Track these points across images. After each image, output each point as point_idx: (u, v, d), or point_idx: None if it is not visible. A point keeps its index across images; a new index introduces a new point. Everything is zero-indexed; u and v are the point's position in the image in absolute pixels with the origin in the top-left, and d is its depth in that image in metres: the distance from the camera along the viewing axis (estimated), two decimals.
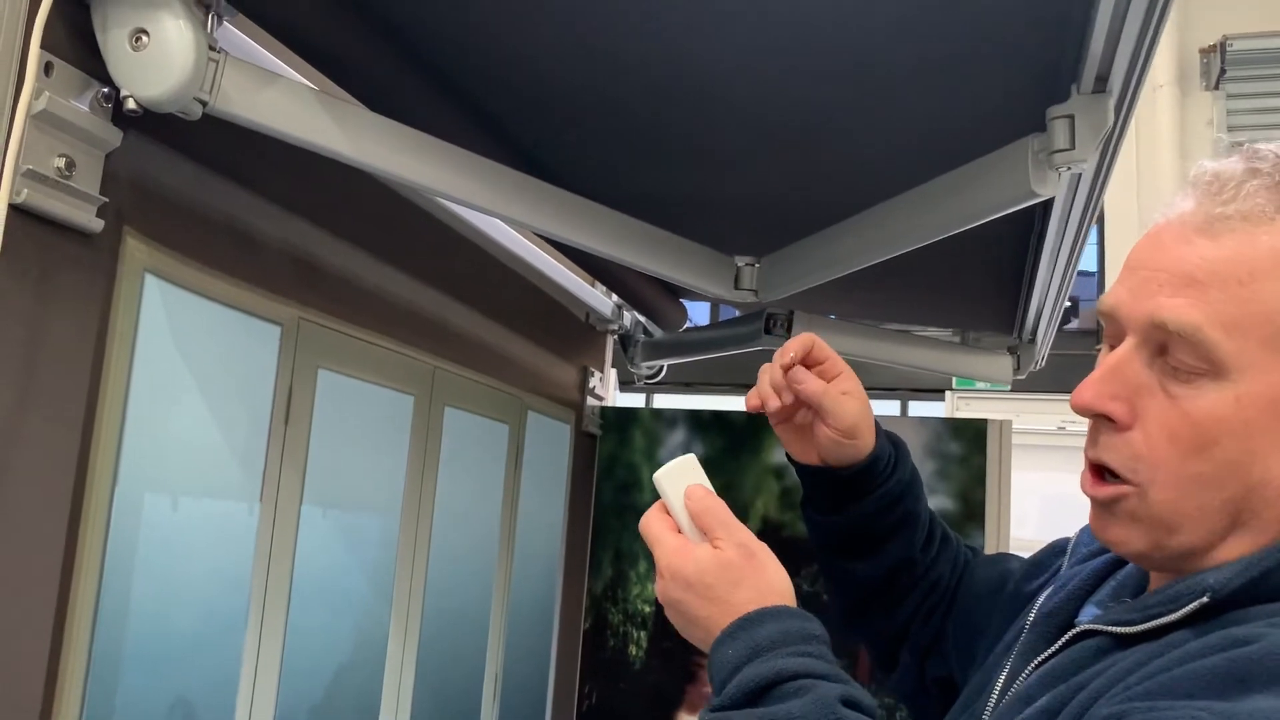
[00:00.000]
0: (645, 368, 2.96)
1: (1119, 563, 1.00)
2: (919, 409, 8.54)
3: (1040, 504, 7.16)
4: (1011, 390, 7.90)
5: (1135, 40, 1.04)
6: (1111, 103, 1.17)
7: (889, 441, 1.24)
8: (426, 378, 1.95)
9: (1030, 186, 1.27)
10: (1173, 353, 0.85)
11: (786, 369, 1.16)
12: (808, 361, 1.18)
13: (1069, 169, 1.23)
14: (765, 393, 1.18)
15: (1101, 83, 1.15)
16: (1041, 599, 1.03)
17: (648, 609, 2.71)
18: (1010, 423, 2.62)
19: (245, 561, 1.51)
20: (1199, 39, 8.07)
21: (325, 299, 1.62)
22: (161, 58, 1.10)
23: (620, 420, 2.79)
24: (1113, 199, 8.19)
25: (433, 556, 2.00)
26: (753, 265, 1.92)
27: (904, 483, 1.23)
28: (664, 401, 8.36)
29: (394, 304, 1.83)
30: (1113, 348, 0.90)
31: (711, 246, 1.89)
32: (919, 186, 1.51)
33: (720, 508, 1.03)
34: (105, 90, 1.12)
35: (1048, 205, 1.47)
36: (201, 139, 1.25)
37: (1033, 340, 2.44)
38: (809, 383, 1.16)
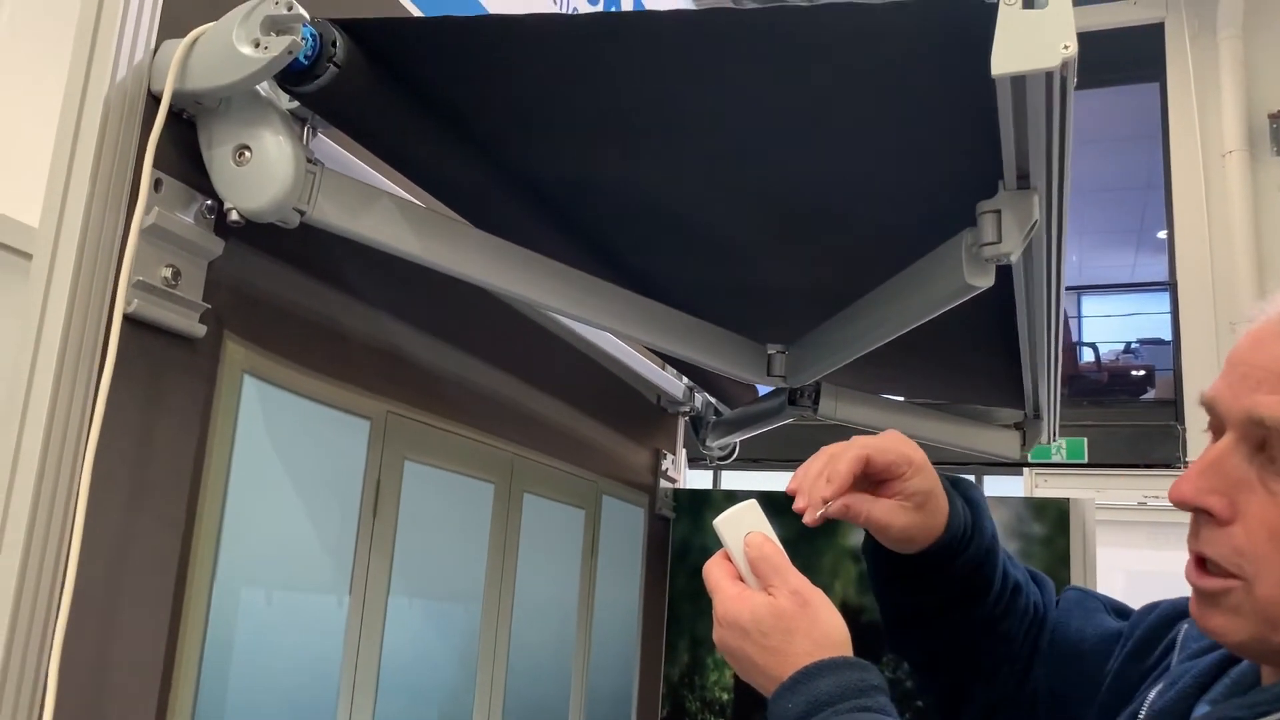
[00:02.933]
0: (717, 449, 3.00)
1: (1232, 659, 0.99)
2: (995, 485, 8.44)
3: (1126, 580, 7.04)
4: (1090, 464, 7.79)
5: (1044, 139, 1.07)
6: (1036, 199, 1.20)
7: (964, 510, 1.22)
8: (506, 465, 1.99)
9: (964, 279, 1.31)
10: (1272, 449, 0.86)
11: (829, 499, 1.12)
12: (869, 473, 1.15)
13: (996, 260, 1.26)
14: (809, 501, 1.13)
15: (1025, 179, 1.19)
16: (1152, 695, 1.02)
17: (726, 696, 2.71)
18: (1093, 501, 2.60)
19: (335, 653, 1.55)
20: (1267, 104, 8.04)
21: (411, 392, 1.68)
22: (263, 171, 1.16)
23: (693, 502, 2.82)
24: (1185, 265, 8.12)
25: (513, 644, 2.03)
26: (782, 352, 2.03)
27: (979, 555, 1.21)
28: (732, 479, 8.34)
29: (475, 393, 1.89)
30: (1216, 438, 0.91)
31: (742, 334, 1.99)
32: (890, 279, 1.59)
33: (776, 554, 1.05)
34: (209, 203, 1.19)
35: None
36: (295, 245, 1.32)
37: (1038, 416, 2.44)
38: (848, 516, 1.14)
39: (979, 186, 1.24)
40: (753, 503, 1.08)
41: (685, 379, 2.78)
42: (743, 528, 1.05)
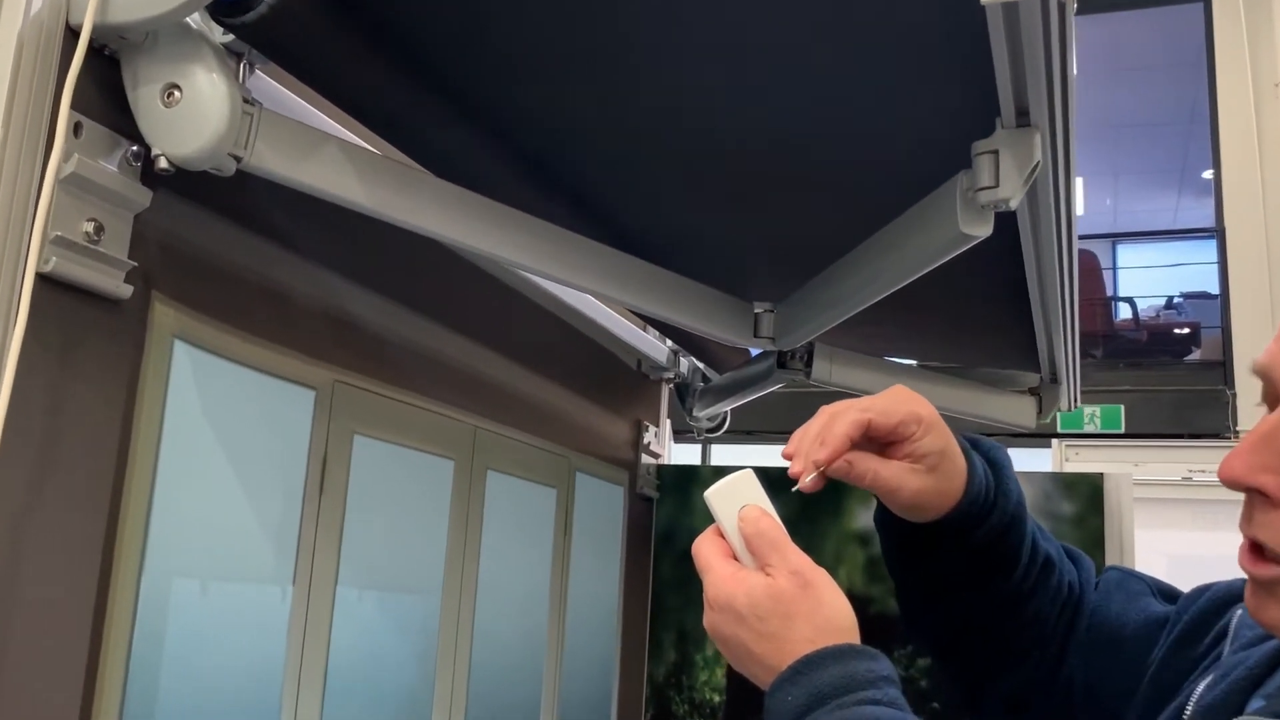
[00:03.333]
0: (705, 419, 3.02)
1: None
2: (1021, 459, 8.50)
3: (1168, 565, 7.06)
4: (1127, 434, 7.83)
5: (1043, 72, 1.10)
6: (1038, 137, 1.22)
7: (985, 471, 1.22)
8: (467, 439, 2.02)
9: (959, 227, 1.34)
10: None
11: (824, 464, 1.13)
12: (874, 436, 1.16)
13: (994, 207, 1.29)
14: (804, 466, 1.13)
15: (1024, 116, 1.21)
16: (1200, 688, 1.02)
17: (717, 698, 2.74)
18: (1130, 477, 2.62)
19: (277, 651, 1.58)
20: None
21: (361, 358, 1.70)
22: (194, 113, 1.18)
23: (679, 479, 2.85)
24: (1234, 209, 8.16)
25: (477, 640, 2.06)
26: (770, 311, 2.06)
27: (1003, 522, 1.22)
28: (723, 454, 8.36)
29: (433, 360, 1.91)
30: (1271, 409, 0.91)
31: (728, 291, 2.02)
32: (881, 230, 1.63)
33: (774, 529, 1.05)
34: (135, 149, 1.21)
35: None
36: (232, 196, 1.34)
37: (1055, 381, 2.47)
38: (851, 477, 1.15)
39: (977, 126, 1.26)
40: (748, 472, 1.09)
41: (669, 341, 2.80)
42: (737, 501, 1.06)
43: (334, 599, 1.68)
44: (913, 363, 2.62)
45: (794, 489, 1.11)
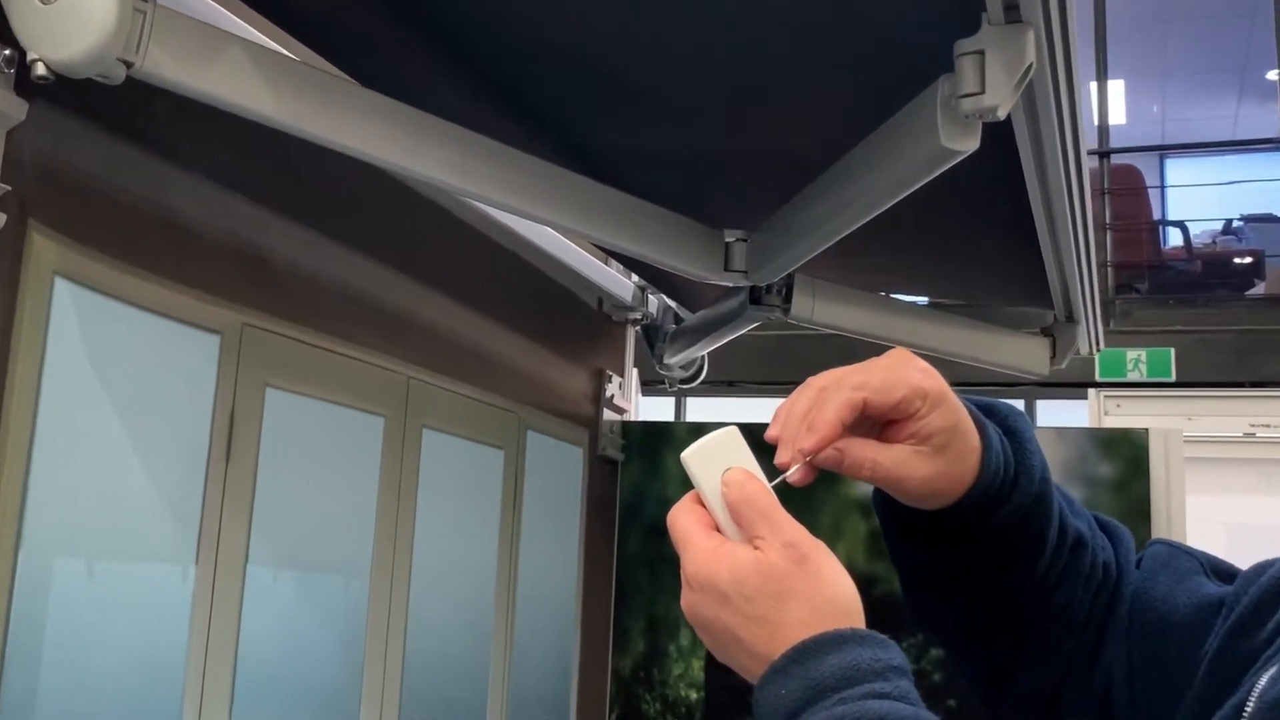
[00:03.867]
0: (678, 367, 3.02)
1: None
2: (1053, 413, 8.51)
3: (1227, 537, 7.04)
4: (1178, 383, 7.86)
5: None
6: (1030, 35, 1.23)
7: (1002, 446, 1.21)
8: (400, 392, 2.04)
9: (941, 141, 1.34)
10: None
11: (811, 455, 1.12)
12: (869, 416, 1.15)
13: (980, 116, 1.30)
14: (792, 455, 1.13)
15: (1014, 10, 1.23)
16: (1263, 682, 1.00)
17: (694, 696, 2.76)
18: (1180, 432, 2.63)
19: (178, 641, 1.60)
20: None
21: (274, 298, 1.72)
22: (76, 10, 1.18)
23: (648, 439, 2.88)
24: None
25: (411, 628, 2.09)
26: (743, 240, 2.06)
27: (1024, 504, 1.21)
28: (700, 408, 8.38)
29: (358, 300, 1.93)
30: None
31: (696, 218, 2.02)
32: (857, 146, 1.63)
33: (763, 495, 1.05)
34: (8, 53, 1.22)
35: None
36: (122, 108, 1.34)
37: (1071, 320, 2.46)
38: (845, 468, 1.13)
39: (962, 24, 1.27)
40: (732, 430, 1.09)
41: (635, 276, 2.81)
42: (719, 463, 1.06)
43: (244, 581, 1.69)
44: (908, 299, 2.62)
45: (779, 480, 1.10)
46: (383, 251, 1.98)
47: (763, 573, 1.01)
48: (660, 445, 2.85)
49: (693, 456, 1.07)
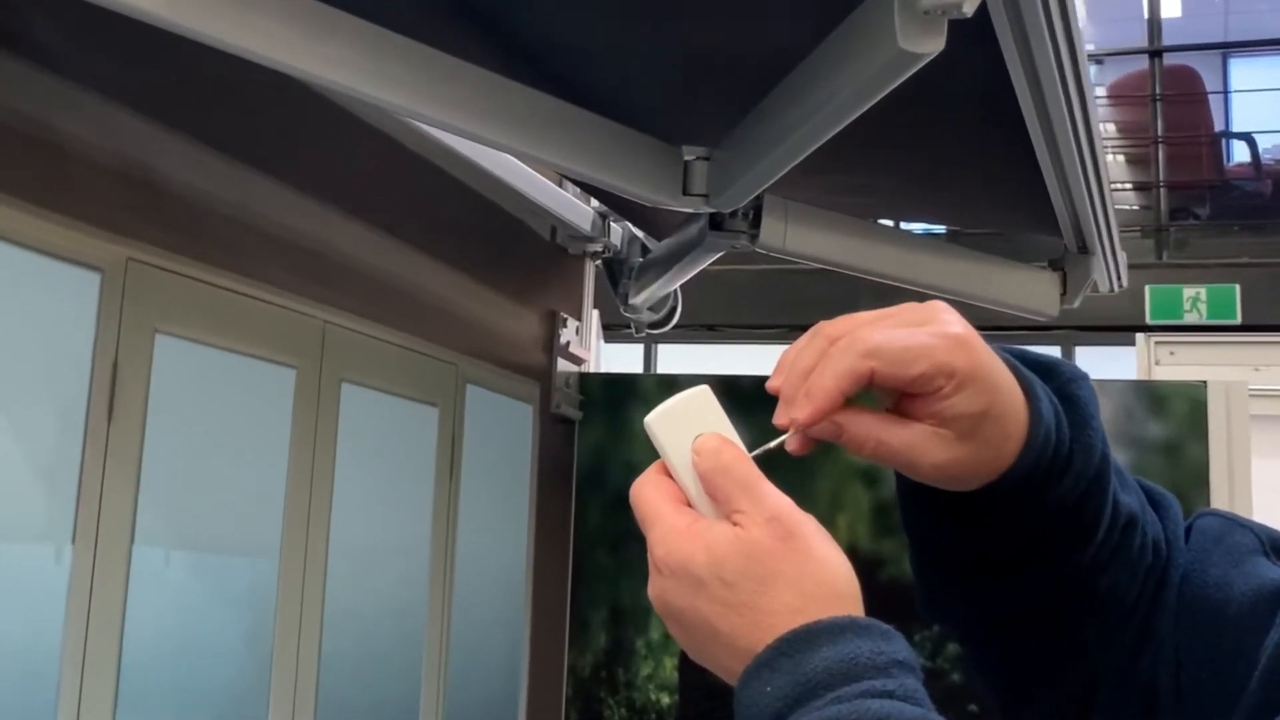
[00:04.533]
0: (645, 308, 3.04)
1: None
2: (1094, 362, 8.50)
3: None
4: (1244, 326, 7.86)
5: None
6: None
7: (1055, 420, 1.16)
8: (314, 339, 2.05)
9: (898, 43, 1.35)
10: None
11: (804, 426, 1.10)
12: (879, 388, 1.11)
13: (943, 13, 1.31)
14: (788, 419, 1.11)
15: None
16: None
17: (666, 700, 2.77)
18: (1245, 385, 2.66)
19: (52, 633, 1.61)
20: None
21: (164, 230, 1.72)
22: None
23: (611, 394, 2.90)
24: None
25: (330, 617, 2.10)
26: (704, 159, 2.05)
27: (1078, 489, 1.17)
28: (675, 358, 8.35)
29: (265, 231, 1.94)
30: None
31: (650, 133, 2.02)
32: (815, 50, 1.64)
33: (741, 464, 1.04)
34: None
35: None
36: None
37: (1085, 250, 2.46)
38: (844, 443, 1.11)
39: None
40: (703, 389, 1.08)
41: (595, 201, 2.82)
42: (690, 427, 1.06)
43: (129, 563, 1.71)
44: (898, 226, 2.59)
45: (763, 450, 1.08)
46: (295, 175, 1.98)
47: (744, 553, 1.00)
48: (625, 401, 2.86)
49: (658, 421, 1.05)
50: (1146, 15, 9.07)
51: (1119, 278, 2.52)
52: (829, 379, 1.07)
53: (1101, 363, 8.29)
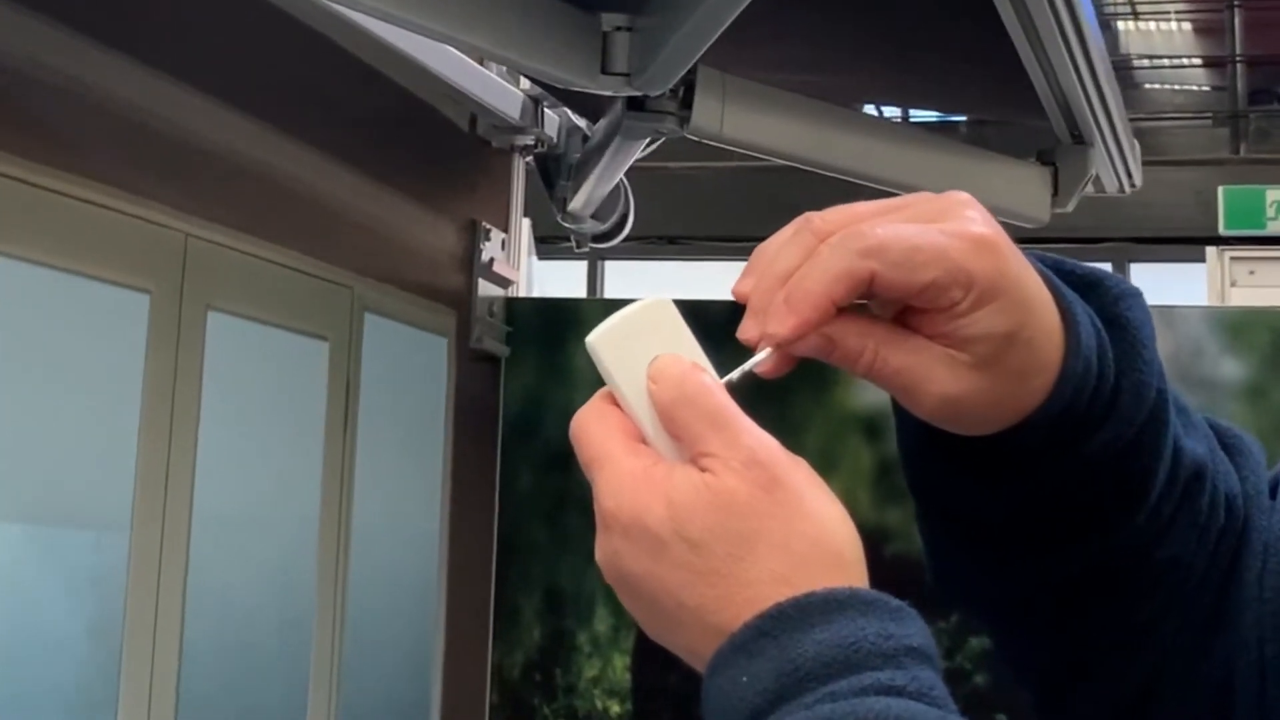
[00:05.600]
0: (587, 215, 3.01)
1: None
2: (1154, 280, 8.50)
3: None
4: None
5: None
6: None
7: (1097, 349, 1.14)
8: (173, 257, 2.05)
9: None
10: None
11: (786, 344, 1.07)
12: (878, 296, 1.09)
13: None
14: (764, 333, 1.07)
15: None
16: None
17: (616, 708, 2.80)
18: None
19: None
20: None
21: None
22: None
23: (546, 324, 2.94)
24: None
25: (193, 602, 2.10)
26: (625, 30, 2.05)
27: (1125, 435, 1.16)
28: (626, 279, 8.36)
29: (114, 119, 1.94)
30: None
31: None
32: None
33: (709, 393, 1.02)
34: None
35: None
36: None
37: (1080, 140, 2.46)
38: (836, 359, 1.09)
39: None
40: (662, 300, 1.08)
41: (525, 82, 2.82)
42: (645, 348, 1.05)
43: None
44: (860, 109, 2.61)
45: (738, 372, 1.07)
46: (148, 48, 1.98)
47: (715, 505, 0.97)
48: (564, 333, 2.89)
49: (604, 340, 1.03)
50: None
51: (1129, 174, 2.50)
52: (817, 282, 1.04)
53: (1163, 284, 8.28)
